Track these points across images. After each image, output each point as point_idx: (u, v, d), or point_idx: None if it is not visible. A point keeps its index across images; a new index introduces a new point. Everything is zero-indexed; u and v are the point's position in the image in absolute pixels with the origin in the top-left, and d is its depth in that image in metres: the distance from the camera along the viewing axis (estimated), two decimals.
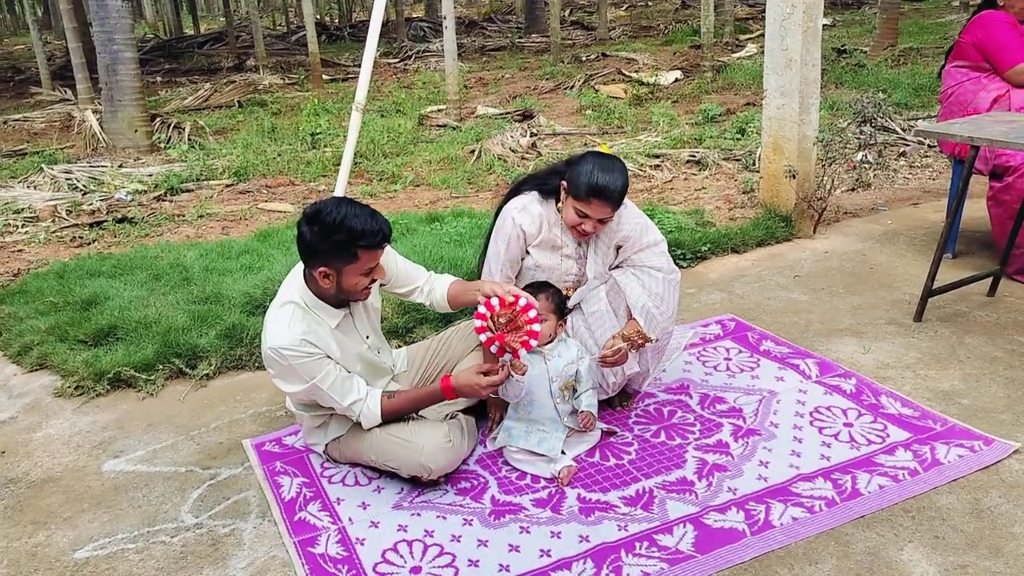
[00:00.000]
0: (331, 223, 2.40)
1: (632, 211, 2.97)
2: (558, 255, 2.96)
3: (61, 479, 2.88)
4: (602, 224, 2.82)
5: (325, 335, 2.58)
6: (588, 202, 2.72)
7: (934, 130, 3.74)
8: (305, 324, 2.54)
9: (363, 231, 2.41)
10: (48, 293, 4.26)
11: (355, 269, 2.49)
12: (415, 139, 8.23)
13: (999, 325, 3.62)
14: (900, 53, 10.54)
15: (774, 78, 4.70)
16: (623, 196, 2.77)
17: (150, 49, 17.49)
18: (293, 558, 2.40)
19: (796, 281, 4.24)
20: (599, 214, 2.75)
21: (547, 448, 2.74)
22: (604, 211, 2.75)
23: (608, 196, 2.71)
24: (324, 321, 2.59)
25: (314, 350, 2.52)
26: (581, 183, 2.72)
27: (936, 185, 5.84)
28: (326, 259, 2.47)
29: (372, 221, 2.43)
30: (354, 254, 2.45)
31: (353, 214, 2.41)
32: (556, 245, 2.94)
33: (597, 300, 2.92)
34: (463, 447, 2.75)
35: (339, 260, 2.46)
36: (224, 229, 5.76)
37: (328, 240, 2.42)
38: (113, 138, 8.47)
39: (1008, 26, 4.09)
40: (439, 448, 2.62)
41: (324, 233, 2.41)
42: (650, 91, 9.88)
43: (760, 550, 2.33)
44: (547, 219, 2.93)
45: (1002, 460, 2.66)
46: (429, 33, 18.59)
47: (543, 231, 2.92)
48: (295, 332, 2.50)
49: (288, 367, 2.51)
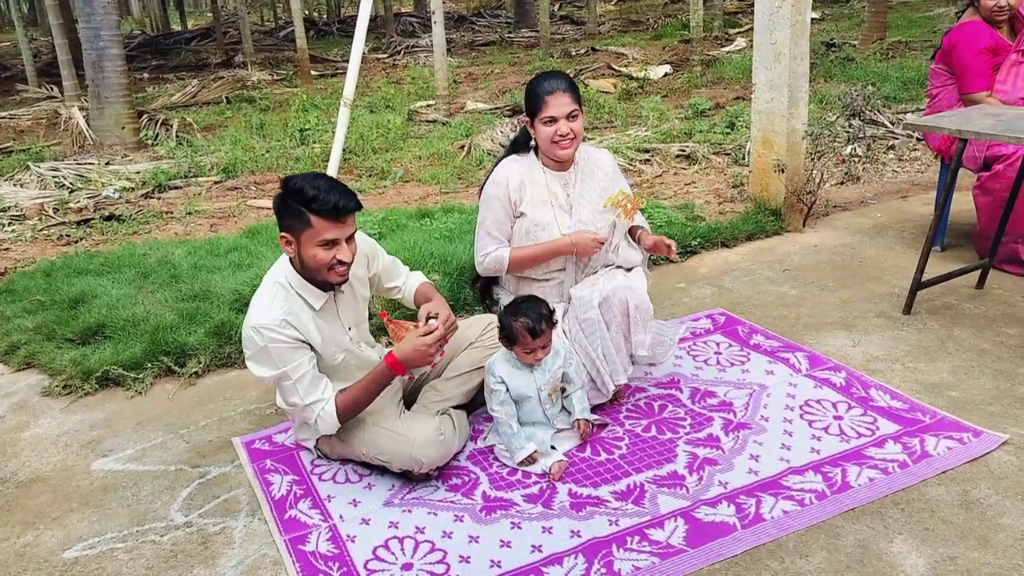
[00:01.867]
0: (291, 187, 2.49)
1: (606, 155, 3.20)
2: (550, 208, 3.05)
3: (49, 479, 2.86)
4: (573, 123, 2.93)
5: (307, 320, 2.59)
6: (546, 103, 2.91)
7: (923, 123, 3.75)
8: (287, 305, 2.56)
9: (313, 196, 2.44)
10: (35, 292, 4.23)
11: (310, 236, 2.48)
12: (404, 135, 8.20)
13: (987, 317, 3.64)
14: (889, 47, 10.57)
15: (763, 72, 4.70)
16: (574, 89, 2.96)
17: (137, 45, 17.39)
18: (284, 556, 2.39)
19: (786, 275, 4.25)
20: (561, 108, 2.91)
21: (536, 442, 2.75)
22: (563, 101, 2.91)
23: (559, 87, 2.92)
24: (307, 304, 2.60)
25: (294, 334, 2.53)
26: (534, 95, 2.95)
27: (924, 178, 5.86)
28: (286, 224, 2.53)
29: (329, 192, 2.46)
30: (307, 220, 2.47)
31: (313, 184, 2.47)
32: (544, 198, 3.05)
33: (589, 308, 2.92)
34: (454, 441, 2.75)
35: (295, 225, 2.50)
36: (212, 226, 5.73)
37: (286, 204, 2.50)
38: (100, 135, 8.42)
39: (979, 50, 4.07)
40: (430, 441, 2.61)
41: (284, 197, 2.50)
42: (640, 86, 9.88)
43: (751, 543, 2.34)
44: (529, 169, 3.07)
45: (991, 452, 2.67)
46: (418, 28, 18.55)
47: (528, 184, 3.04)
48: (276, 312, 2.53)
49: (263, 349, 2.52)
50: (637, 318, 2.89)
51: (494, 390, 2.75)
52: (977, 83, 4.11)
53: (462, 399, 2.93)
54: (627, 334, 2.92)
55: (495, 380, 2.75)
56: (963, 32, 4.14)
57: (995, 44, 4.08)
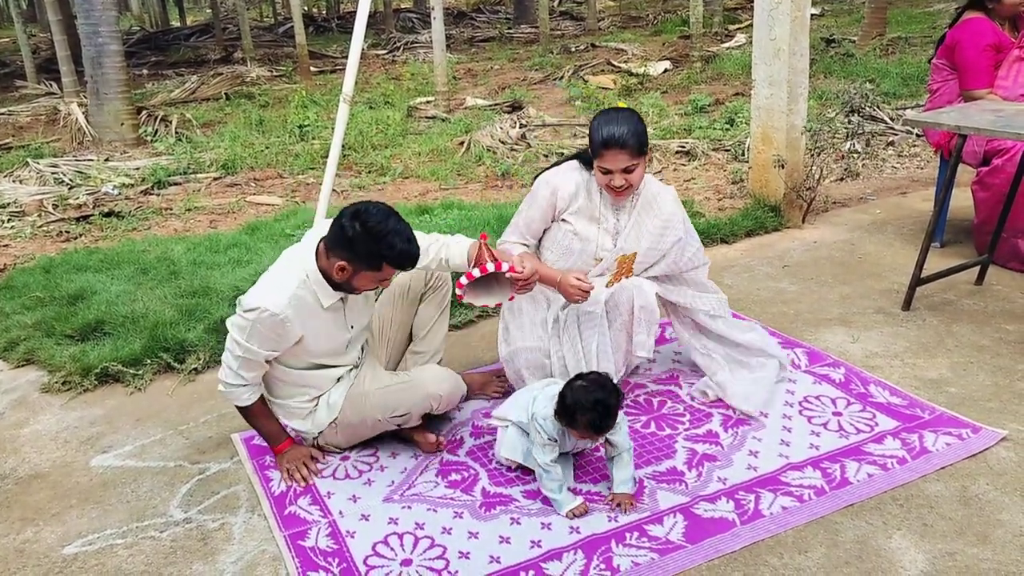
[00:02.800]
0: (373, 230, 2.46)
1: (676, 203, 3.04)
2: (596, 226, 2.98)
3: (49, 475, 2.86)
4: (629, 175, 2.81)
5: (308, 310, 2.60)
6: (603, 155, 2.79)
7: (922, 119, 3.75)
8: (298, 294, 2.57)
9: (399, 251, 2.49)
10: (34, 288, 4.23)
11: (373, 277, 2.57)
12: (404, 131, 8.19)
13: (986, 313, 3.64)
14: (888, 42, 10.56)
15: (763, 68, 4.70)
16: (638, 141, 2.78)
17: (136, 42, 17.35)
18: (283, 552, 2.39)
19: (785, 271, 4.25)
20: (617, 163, 2.78)
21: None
22: (620, 158, 2.77)
23: (618, 143, 2.75)
24: (318, 298, 2.62)
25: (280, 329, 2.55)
26: (593, 140, 2.82)
27: (924, 174, 5.86)
28: (352, 257, 2.51)
29: (409, 245, 2.51)
30: (379, 266, 2.52)
31: (396, 231, 2.47)
32: (595, 216, 2.98)
33: (594, 302, 2.92)
34: (460, 384, 2.87)
35: (363, 264, 2.52)
36: (212, 222, 5.73)
37: (363, 244, 2.47)
38: (99, 132, 8.41)
39: (984, 47, 4.07)
40: (441, 375, 2.79)
41: (363, 236, 2.46)
42: (639, 82, 9.86)
43: (750, 539, 2.34)
44: (587, 188, 2.98)
45: (990, 448, 2.68)
46: (417, 24, 18.51)
47: (582, 198, 2.96)
48: (281, 301, 2.54)
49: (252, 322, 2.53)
50: (641, 318, 2.88)
51: (545, 445, 2.51)
52: (979, 80, 4.10)
53: (440, 346, 3.06)
54: (630, 332, 2.91)
55: (547, 437, 2.51)
56: (967, 29, 4.14)
57: (998, 41, 4.08)
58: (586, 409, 2.41)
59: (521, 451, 2.65)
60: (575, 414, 2.42)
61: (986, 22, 4.11)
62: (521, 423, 2.64)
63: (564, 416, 2.46)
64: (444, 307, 3.04)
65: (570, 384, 2.48)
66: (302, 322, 2.59)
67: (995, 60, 4.10)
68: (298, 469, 2.73)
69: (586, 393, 2.42)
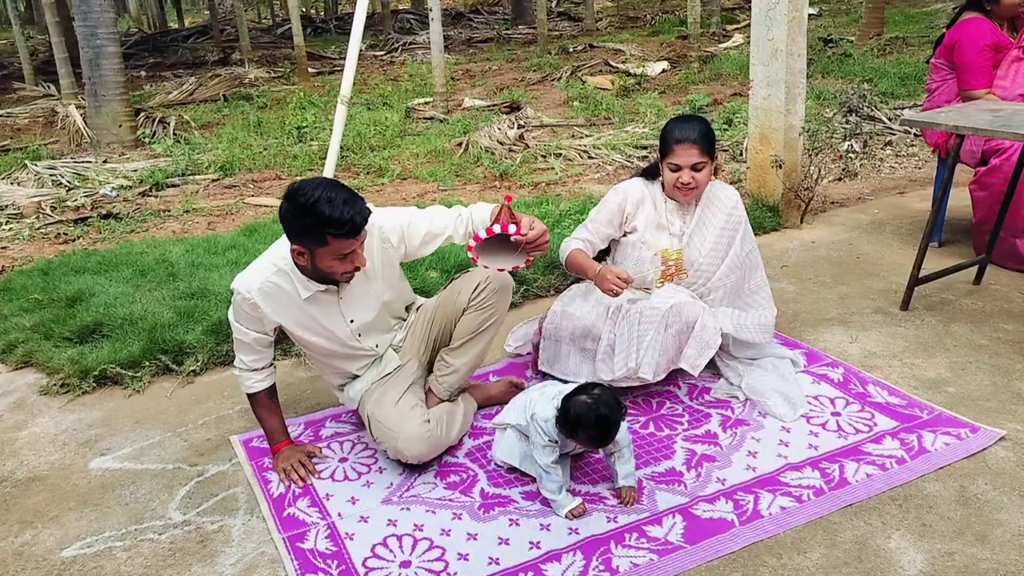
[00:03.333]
0: (302, 204, 2.38)
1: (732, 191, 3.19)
2: (664, 233, 3.12)
3: (47, 477, 2.86)
4: (698, 172, 2.98)
5: (288, 300, 2.63)
6: (674, 151, 2.97)
7: (920, 119, 3.75)
8: (276, 280, 2.60)
9: (331, 218, 2.37)
10: (32, 290, 4.22)
11: (327, 253, 2.47)
12: (402, 132, 8.20)
13: (985, 313, 3.64)
14: (886, 42, 10.58)
15: (760, 68, 4.70)
16: (707, 138, 2.98)
17: (134, 43, 17.35)
18: (282, 554, 2.39)
19: (784, 271, 4.25)
20: (687, 159, 2.96)
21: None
22: (691, 153, 2.95)
23: (688, 137, 2.95)
24: (297, 289, 2.62)
25: (255, 309, 2.60)
26: (665, 139, 3.01)
27: (922, 174, 5.87)
28: (299, 238, 2.47)
29: (345, 208, 2.38)
30: (324, 239, 2.42)
31: (327, 199, 2.36)
32: (662, 224, 3.12)
33: (658, 305, 2.94)
34: (446, 436, 2.75)
35: (309, 241, 2.45)
36: (210, 224, 5.73)
37: (299, 221, 2.41)
38: (97, 133, 8.40)
39: (983, 47, 4.08)
40: (415, 437, 2.65)
41: (296, 213, 2.41)
42: (637, 82, 9.87)
43: (749, 540, 2.34)
44: (653, 198, 3.14)
45: (988, 447, 2.68)
46: (415, 25, 18.52)
47: (648, 206, 3.14)
48: (255, 281, 2.59)
49: (233, 304, 2.66)
50: (700, 336, 2.91)
51: (546, 447, 2.50)
52: (977, 80, 4.11)
53: (468, 367, 2.89)
54: (682, 345, 2.92)
55: (548, 439, 2.50)
56: (966, 29, 4.14)
57: (997, 41, 4.09)
58: (588, 425, 2.40)
59: (517, 454, 2.65)
60: (577, 428, 2.42)
61: (985, 22, 4.12)
62: (519, 426, 2.63)
63: (566, 428, 2.45)
64: (483, 330, 2.85)
65: (573, 397, 2.46)
66: (276, 310, 2.62)
67: (994, 60, 4.10)
68: (295, 469, 2.73)
69: (589, 409, 2.40)
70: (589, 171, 6.48)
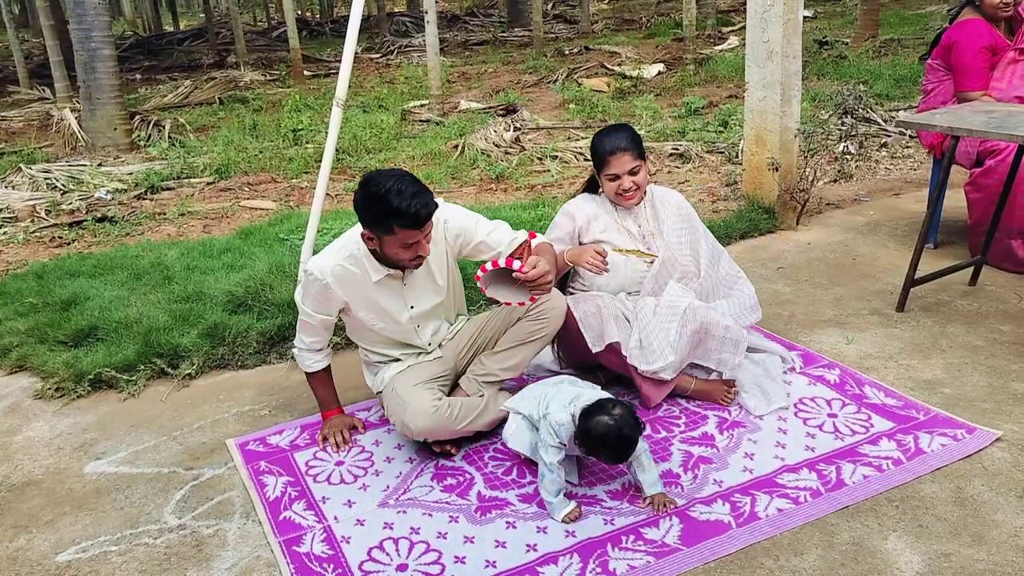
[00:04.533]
0: (373, 194, 2.51)
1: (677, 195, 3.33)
2: (621, 234, 3.16)
3: (42, 482, 2.85)
4: (635, 176, 3.05)
5: (357, 283, 2.74)
6: (608, 162, 3.04)
7: (915, 121, 3.75)
8: (349, 264, 2.72)
9: (398, 209, 2.48)
10: (27, 294, 4.21)
11: (393, 241, 2.59)
12: (398, 134, 8.19)
13: (980, 314, 3.65)
14: (881, 44, 10.60)
15: (755, 70, 4.71)
16: (635, 142, 3.06)
17: (129, 46, 17.34)
18: (278, 558, 2.38)
19: (779, 273, 4.25)
20: (622, 167, 3.03)
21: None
22: (624, 160, 3.02)
23: (618, 146, 3.02)
24: (367, 272, 2.73)
25: (326, 292, 2.72)
26: (597, 152, 3.08)
27: (917, 175, 5.88)
28: (368, 225, 2.60)
29: (412, 201, 2.49)
30: (390, 228, 2.54)
31: (396, 190, 2.48)
32: (616, 228, 3.17)
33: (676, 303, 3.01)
34: (453, 421, 2.75)
35: (377, 228, 2.58)
36: (206, 227, 5.72)
37: (369, 209, 2.55)
38: (92, 137, 8.39)
39: (979, 49, 4.09)
40: (420, 412, 2.70)
41: (367, 201, 2.54)
42: (633, 84, 9.88)
43: (746, 542, 2.34)
44: (602, 206, 3.19)
45: (984, 448, 2.68)
46: (411, 28, 18.53)
47: (603, 218, 3.18)
48: (328, 263, 2.72)
49: (304, 282, 2.79)
50: (730, 338, 2.99)
51: (554, 447, 2.49)
52: (974, 82, 4.11)
53: (508, 374, 2.93)
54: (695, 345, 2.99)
55: (558, 441, 2.49)
56: (964, 30, 4.15)
57: (994, 43, 4.10)
58: (610, 445, 2.40)
59: (528, 444, 2.64)
60: (599, 448, 2.42)
61: (983, 24, 4.13)
62: (531, 417, 2.63)
63: (586, 445, 2.44)
64: (529, 341, 2.91)
65: (594, 416, 2.42)
66: (347, 291, 2.73)
67: (991, 62, 4.11)
68: (334, 435, 2.90)
69: (610, 430, 2.38)
70: (585, 173, 6.47)
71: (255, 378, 3.50)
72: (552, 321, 2.93)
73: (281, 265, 4.15)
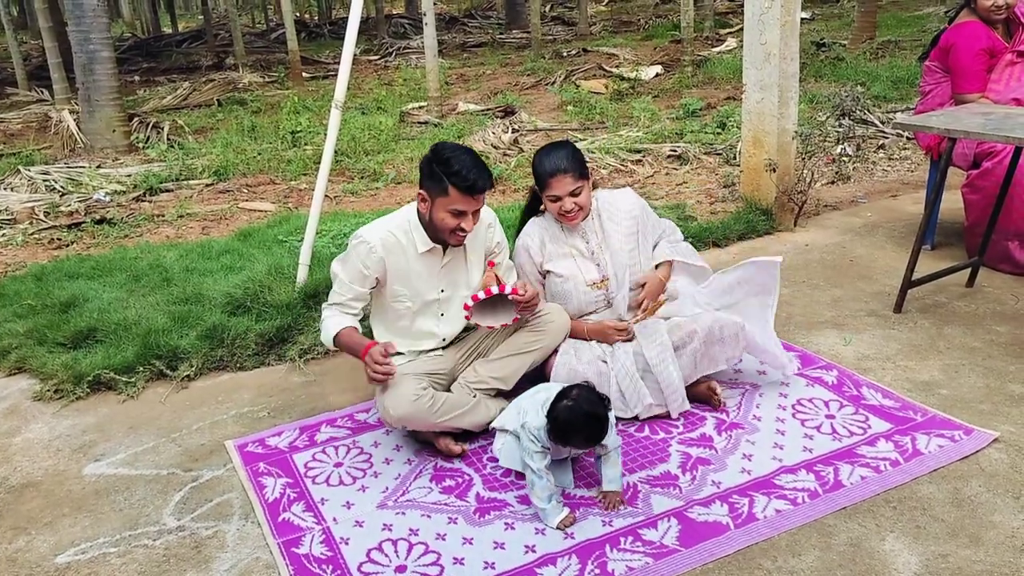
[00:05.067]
0: (439, 154, 2.73)
1: (628, 195, 3.22)
2: (572, 260, 3.12)
3: (41, 483, 2.85)
4: (577, 197, 2.99)
5: (402, 253, 2.85)
6: (549, 184, 3.00)
7: (912, 123, 3.76)
8: (398, 233, 2.85)
9: (459, 172, 2.69)
10: (26, 296, 4.21)
11: (444, 203, 2.73)
12: (396, 136, 8.20)
13: (978, 315, 3.66)
14: (878, 46, 10.62)
15: (753, 72, 4.72)
16: (576, 161, 3.00)
17: (127, 48, 17.34)
18: (277, 559, 2.38)
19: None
20: (563, 188, 2.98)
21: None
22: (565, 182, 2.97)
23: (560, 170, 2.96)
24: (415, 242, 2.86)
25: (372, 257, 2.80)
26: (539, 174, 3.03)
27: (915, 177, 5.89)
28: (427, 183, 2.77)
29: (472, 170, 2.71)
30: (445, 188, 2.71)
31: (459, 158, 2.71)
32: (565, 251, 3.13)
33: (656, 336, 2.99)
34: (432, 413, 2.75)
35: (433, 187, 2.74)
36: (204, 229, 5.72)
37: (431, 167, 2.75)
38: (91, 138, 8.39)
39: (977, 51, 4.10)
40: (401, 397, 2.73)
41: (432, 161, 2.75)
42: (631, 86, 9.89)
43: (744, 543, 2.34)
44: (549, 232, 3.15)
45: (982, 449, 2.69)
46: (410, 30, 18.54)
47: (548, 243, 3.14)
48: (379, 232, 2.84)
49: (350, 246, 2.86)
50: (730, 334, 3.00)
51: (538, 453, 2.49)
52: (971, 84, 4.12)
53: (499, 384, 2.95)
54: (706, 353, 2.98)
55: (540, 445, 2.49)
56: (962, 32, 4.15)
57: (992, 45, 4.11)
58: (579, 427, 2.42)
59: (519, 459, 2.66)
60: (568, 434, 2.44)
61: (980, 26, 4.13)
62: (516, 431, 2.64)
63: (559, 437, 2.46)
64: (526, 352, 2.98)
65: (556, 405, 2.46)
66: (389, 259, 2.83)
67: (988, 64, 4.12)
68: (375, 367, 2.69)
69: (573, 412, 2.42)
70: None
71: (254, 380, 3.50)
72: (550, 335, 2.99)
73: (280, 267, 4.15)
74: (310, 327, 3.74)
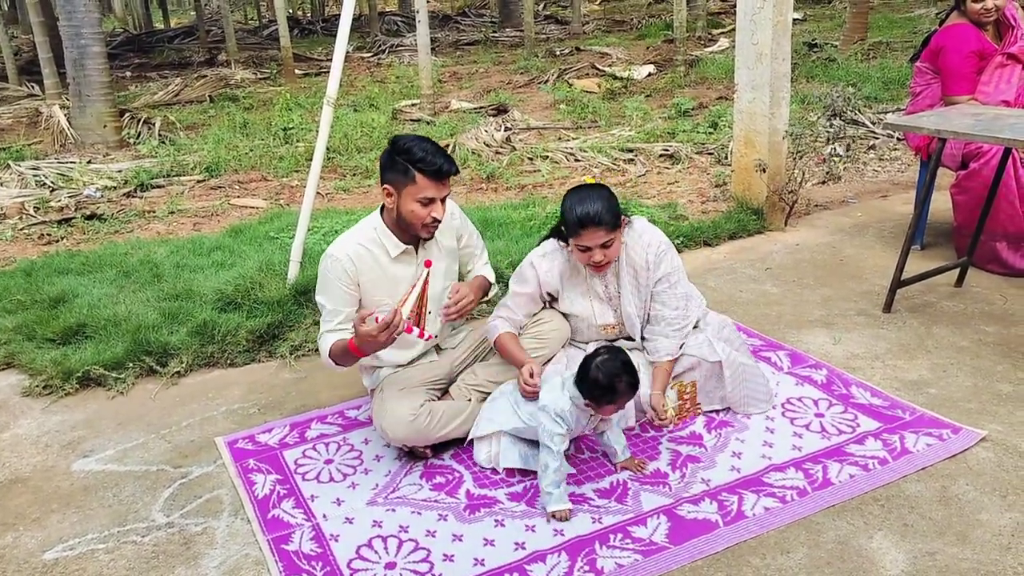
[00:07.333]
0: (400, 146, 2.70)
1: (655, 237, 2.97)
2: (588, 300, 3.01)
3: (29, 479, 2.84)
4: (608, 249, 2.78)
5: (375, 263, 2.79)
6: (580, 234, 2.76)
7: (903, 123, 3.78)
8: (365, 244, 2.79)
9: (422, 157, 2.66)
10: (15, 291, 4.19)
11: (411, 192, 2.69)
12: (389, 134, 8.16)
13: (966, 315, 3.68)
14: (870, 47, 10.65)
15: (745, 72, 4.73)
16: (613, 215, 2.74)
17: (119, 43, 17.24)
18: (266, 556, 2.38)
19: (767, 273, 4.27)
20: (595, 240, 2.75)
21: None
22: (598, 236, 2.74)
23: (593, 221, 2.71)
24: (385, 249, 2.80)
25: (348, 273, 2.74)
26: (568, 221, 2.79)
27: (905, 177, 5.91)
28: (390, 179, 2.73)
29: (436, 155, 2.68)
30: (412, 177, 2.67)
31: (420, 146, 2.68)
32: (583, 290, 3.01)
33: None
34: (433, 429, 2.75)
35: (399, 180, 2.70)
36: (195, 225, 5.70)
37: (393, 160, 2.71)
38: (81, 134, 8.35)
39: (967, 53, 4.11)
40: (398, 420, 2.72)
41: (392, 154, 2.71)
42: (623, 85, 9.90)
43: (733, 540, 2.36)
44: (571, 265, 2.98)
45: (969, 448, 2.70)
46: (402, 27, 18.49)
47: (566, 278, 2.99)
48: (348, 246, 2.78)
49: (322, 271, 2.79)
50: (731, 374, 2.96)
51: (559, 435, 2.51)
52: (961, 86, 4.14)
53: (494, 388, 2.93)
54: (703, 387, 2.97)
55: (565, 428, 2.52)
56: (952, 34, 4.17)
57: (982, 48, 4.12)
58: (621, 374, 2.46)
59: (519, 457, 2.69)
60: (614, 385, 2.46)
61: (971, 28, 4.15)
62: (517, 430, 2.68)
63: (604, 393, 2.47)
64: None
65: (586, 372, 2.49)
66: (362, 270, 2.77)
67: (978, 67, 4.14)
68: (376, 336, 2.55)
69: (612, 363, 2.48)
70: (575, 173, 6.49)
71: (244, 376, 3.49)
72: (552, 344, 2.98)
73: (271, 263, 4.15)
74: (301, 324, 3.74)
